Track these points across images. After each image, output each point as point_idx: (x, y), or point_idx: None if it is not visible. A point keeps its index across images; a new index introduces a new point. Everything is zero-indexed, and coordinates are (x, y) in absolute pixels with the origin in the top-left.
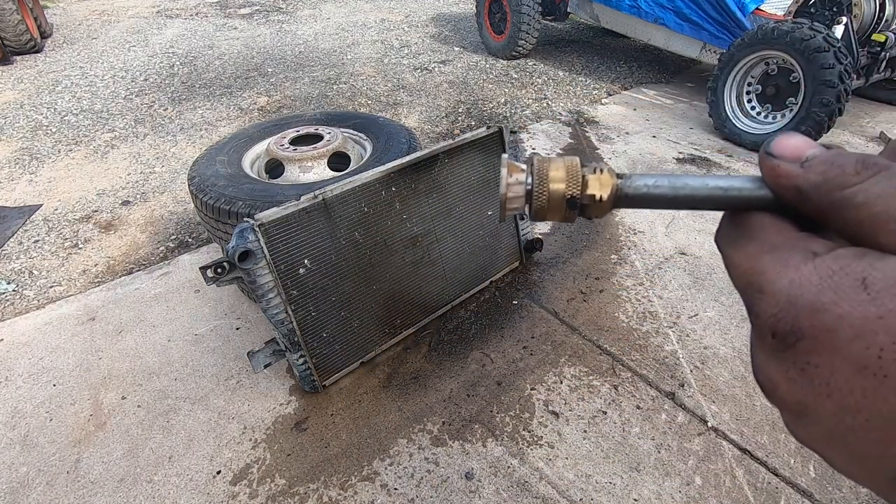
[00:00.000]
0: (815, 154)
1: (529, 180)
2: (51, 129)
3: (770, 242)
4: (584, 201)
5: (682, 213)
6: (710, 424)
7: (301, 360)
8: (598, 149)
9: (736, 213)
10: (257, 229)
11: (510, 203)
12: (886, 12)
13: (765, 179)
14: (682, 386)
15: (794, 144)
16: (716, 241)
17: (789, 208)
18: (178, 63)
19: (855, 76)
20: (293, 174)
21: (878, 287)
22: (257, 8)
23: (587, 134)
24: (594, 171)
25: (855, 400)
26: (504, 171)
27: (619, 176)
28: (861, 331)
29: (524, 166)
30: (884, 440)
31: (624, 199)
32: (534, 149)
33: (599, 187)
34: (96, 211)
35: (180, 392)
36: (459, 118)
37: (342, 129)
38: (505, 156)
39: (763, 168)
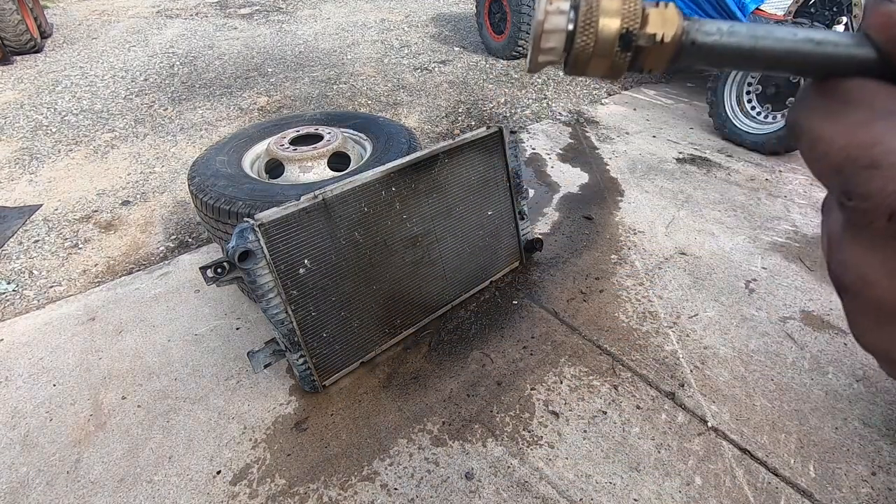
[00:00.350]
0: None
1: (573, 12)
2: (51, 129)
3: (884, 108)
4: (640, 41)
5: (682, 212)
6: (710, 424)
7: (301, 360)
8: (597, 149)
9: (825, 80)
10: (257, 229)
11: (545, 40)
12: None
13: (871, 33)
14: (682, 386)
15: None
16: (793, 120)
17: None
18: (178, 63)
19: None
20: (293, 174)
21: None
22: (257, 8)
23: (587, 134)
24: (657, 5)
25: None
26: None
27: (686, 19)
28: None
29: None
30: None
31: (690, 47)
32: (534, 149)
33: (662, 24)
34: (96, 211)
35: (180, 392)
36: (459, 118)
37: (342, 129)
38: None
39: (873, 16)
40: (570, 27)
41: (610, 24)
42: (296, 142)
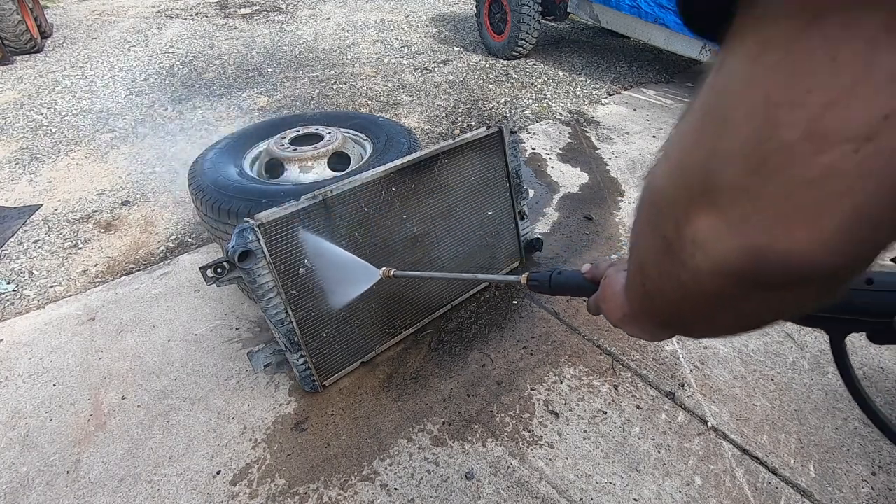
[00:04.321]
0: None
1: None
2: (51, 129)
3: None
4: None
5: None
6: (710, 424)
7: (301, 360)
8: (598, 149)
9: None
10: (257, 229)
11: None
12: None
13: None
14: (682, 386)
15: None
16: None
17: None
18: (178, 63)
19: None
20: (293, 174)
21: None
22: (257, 8)
23: (587, 134)
24: None
25: None
26: None
27: None
28: None
29: None
30: None
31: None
32: (534, 149)
33: None
34: (96, 211)
35: (180, 392)
36: (459, 118)
37: (342, 129)
38: None
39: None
40: None
41: None
42: (296, 141)
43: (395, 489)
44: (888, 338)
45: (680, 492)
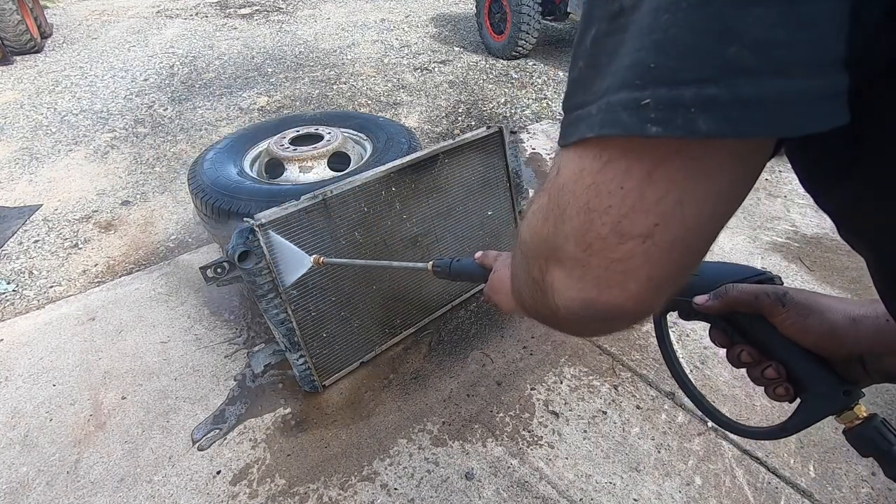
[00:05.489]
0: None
1: None
2: (51, 129)
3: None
4: None
5: None
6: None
7: (301, 360)
8: None
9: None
10: (257, 229)
11: None
12: None
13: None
14: None
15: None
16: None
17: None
18: (178, 63)
19: None
20: (293, 174)
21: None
22: (257, 8)
23: None
24: None
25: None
26: None
27: None
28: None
29: None
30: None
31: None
32: (534, 149)
33: None
34: (96, 211)
35: (180, 392)
36: (459, 118)
37: (342, 129)
38: None
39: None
40: None
41: None
42: (296, 141)
43: (395, 489)
44: (693, 315)
45: (680, 492)
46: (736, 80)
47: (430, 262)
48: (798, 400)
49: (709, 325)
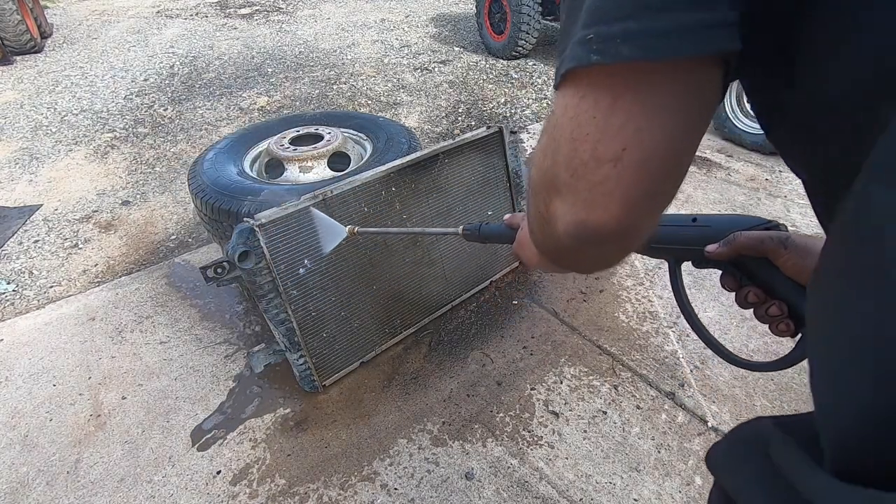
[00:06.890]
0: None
1: None
2: (51, 129)
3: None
4: None
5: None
6: (710, 424)
7: (301, 360)
8: None
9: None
10: (257, 229)
11: None
12: None
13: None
14: (682, 386)
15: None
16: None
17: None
18: (178, 63)
19: None
20: (293, 174)
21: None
22: (257, 8)
23: None
24: None
25: None
26: None
27: None
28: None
29: None
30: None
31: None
32: (534, 149)
33: None
34: (96, 211)
35: (180, 392)
36: (459, 118)
37: (342, 130)
38: None
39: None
40: None
41: None
42: (296, 142)
43: (395, 489)
44: (705, 263)
45: (680, 492)
46: (645, 15)
47: (461, 227)
48: (799, 336)
49: (720, 272)
